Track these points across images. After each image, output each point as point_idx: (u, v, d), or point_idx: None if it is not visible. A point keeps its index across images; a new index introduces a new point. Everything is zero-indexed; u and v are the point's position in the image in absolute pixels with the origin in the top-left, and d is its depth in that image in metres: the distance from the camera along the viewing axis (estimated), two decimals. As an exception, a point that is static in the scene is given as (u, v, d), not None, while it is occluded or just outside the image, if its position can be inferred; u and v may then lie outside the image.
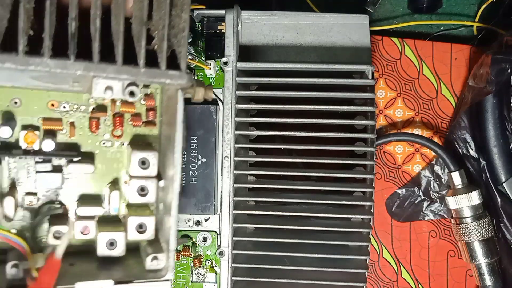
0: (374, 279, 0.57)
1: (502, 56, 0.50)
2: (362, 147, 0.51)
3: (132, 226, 0.40)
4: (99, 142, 0.42)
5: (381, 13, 0.61)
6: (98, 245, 0.39)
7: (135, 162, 0.40)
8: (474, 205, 0.53)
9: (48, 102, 0.40)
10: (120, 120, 0.42)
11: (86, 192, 0.42)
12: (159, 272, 0.38)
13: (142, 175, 0.40)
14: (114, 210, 0.41)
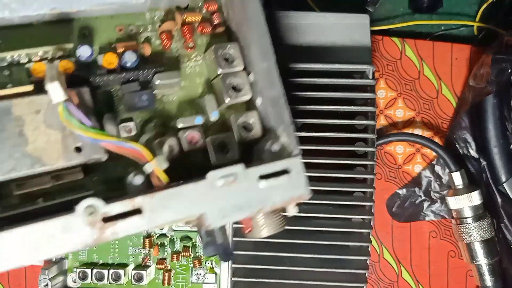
0: (374, 280, 0.57)
1: (503, 56, 0.50)
2: (362, 147, 0.51)
3: (237, 126, 0.38)
4: (175, 59, 0.40)
5: (382, 13, 0.61)
6: (210, 151, 0.37)
7: (220, 59, 0.38)
8: (474, 206, 0.53)
9: (114, 27, 0.38)
10: (188, 29, 0.39)
11: (179, 108, 0.39)
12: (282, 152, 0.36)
13: (230, 71, 0.38)
14: (213, 115, 0.38)
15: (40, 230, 0.28)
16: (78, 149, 0.33)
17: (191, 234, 0.51)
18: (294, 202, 0.35)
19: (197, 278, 0.51)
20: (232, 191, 0.32)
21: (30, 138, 0.32)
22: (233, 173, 0.32)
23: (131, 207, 0.29)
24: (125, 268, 0.50)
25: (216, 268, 0.51)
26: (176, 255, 0.51)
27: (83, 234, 0.28)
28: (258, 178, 0.33)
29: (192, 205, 0.31)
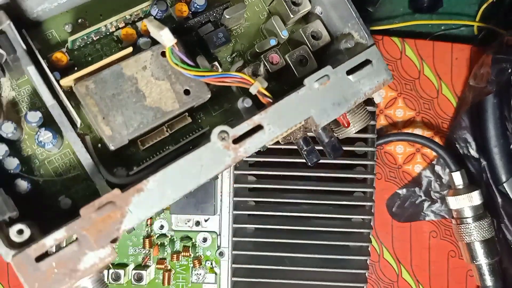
0: (374, 280, 0.57)
1: (503, 56, 0.50)
2: (362, 147, 0.51)
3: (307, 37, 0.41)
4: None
5: (382, 12, 0.61)
6: (292, 67, 0.40)
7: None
8: (474, 205, 0.53)
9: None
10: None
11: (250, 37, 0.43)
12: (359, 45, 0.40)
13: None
14: (284, 34, 0.41)
15: (190, 162, 0.33)
16: (186, 92, 0.37)
17: (191, 234, 0.51)
18: (379, 88, 0.39)
19: (197, 278, 0.51)
20: (328, 90, 0.37)
21: (146, 92, 0.36)
22: (325, 74, 0.37)
23: (252, 125, 0.34)
24: (125, 268, 0.50)
25: (216, 268, 0.51)
26: (176, 255, 0.51)
27: (222, 156, 0.33)
28: (346, 74, 0.37)
29: (300, 110, 0.36)
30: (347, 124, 0.39)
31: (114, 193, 0.31)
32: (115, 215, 0.31)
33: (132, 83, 0.36)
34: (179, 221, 0.51)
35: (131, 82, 0.36)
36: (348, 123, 0.39)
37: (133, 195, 0.32)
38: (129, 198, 0.31)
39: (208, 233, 0.51)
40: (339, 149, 0.39)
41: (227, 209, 0.50)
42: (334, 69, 0.37)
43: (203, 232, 0.51)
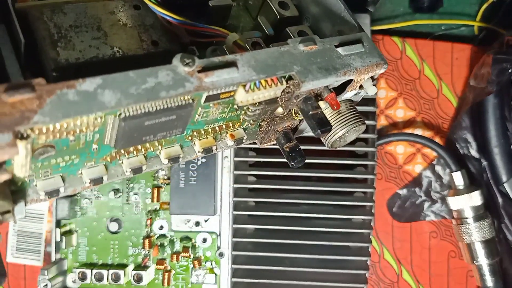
0: (375, 280, 0.57)
1: (503, 56, 0.50)
2: (363, 147, 0.50)
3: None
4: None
5: (382, 12, 0.61)
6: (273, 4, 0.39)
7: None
8: (475, 206, 0.53)
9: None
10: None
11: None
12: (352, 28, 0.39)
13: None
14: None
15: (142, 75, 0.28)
16: (154, 43, 0.34)
17: (191, 235, 0.51)
18: (373, 70, 0.36)
19: (197, 278, 0.51)
20: (315, 55, 0.34)
21: (108, 33, 0.34)
22: (311, 38, 0.34)
23: (224, 61, 0.30)
24: (125, 268, 0.50)
25: (216, 268, 0.51)
26: (176, 255, 0.51)
27: (183, 80, 0.29)
28: (335, 47, 0.34)
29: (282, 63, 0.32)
30: (337, 105, 0.36)
31: (37, 80, 0.26)
32: (30, 102, 0.25)
33: (95, 21, 0.34)
34: (179, 222, 0.51)
35: (94, 20, 0.34)
36: (337, 104, 0.36)
37: (61, 89, 0.26)
38: (54, 90, 0.26)
39: (208, 234, 0.51)
40: (326, 123, 0.34)
41: (227, 210, 0.49)
42: (321, 40, 0.34)
43: (203, 233, 0.51)
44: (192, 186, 0.49)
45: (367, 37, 0.37)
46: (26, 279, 0.56)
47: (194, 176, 0.49)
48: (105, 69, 0.29)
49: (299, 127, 0.39)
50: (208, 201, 0.49)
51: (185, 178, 0.49)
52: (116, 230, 0.51)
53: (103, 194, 0.51)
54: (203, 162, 0.49)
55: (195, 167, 0.49)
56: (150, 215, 0.51)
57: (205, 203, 0.49)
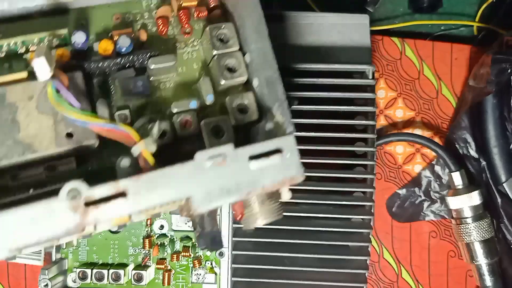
0: (374, 280, 0.57)
1: (503, 56, 0.50)
2: (362, 147, 0.51)
3: (233, 109, 0.37)
4: (172, 45, 0.39)
5: (382, 13, 0.61)
6: (204, 135, 0.36)
7: (214, 39, 0.37)
8: (474, 206, 0.53)
9: (112, 16, 0.38)
10: (185, 14, 0.39)
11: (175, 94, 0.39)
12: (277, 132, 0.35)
13: (225, 51, 0.37)
14: (209, 98, 0.37)
15: (23, 215, 0.27)
16: (69, 135, 0.33)
17: (191, 234, 0.51)
18: (286, 184, 0.33)
19: (197, 278, 0.51)
20: (220, 173, 0.31)
21: (22, 125, 0.32)
22: (222, 154, 0.31)
23: (115, 190, 0.28)
24: (125, 268, 0.50)
25: (216, 268, 0.51)
26: (176, 255, 0.51)
27: (65, 219, 0.27)
28: (248, 159, 0.32)
29: (178, 187, 0.30)
30: (240, 215, 0.35)
31: None
32: None
33: (11, 111, 0.32)
34: (179, 221, 0.51)
35: (10, 110, 0.32)
36: (241, 214, 0.35)
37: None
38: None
39: (208, 233, 0.51)
40: (219, 243, 0.33)
41: (227, 209, 0.50)
42: (235, 150, 0.32)
43: (203, 232, 0.51)
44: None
45: (291, 142, 0.34)
46: (27, 279, 0.56)
47: (194, 176, 0.49)
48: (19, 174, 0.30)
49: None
50: (208, 201, 0.49)
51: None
52: (116, 230, 0.51)
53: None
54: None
55: (195, 167, 0.49)
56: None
57: (205, 203, 0.49)
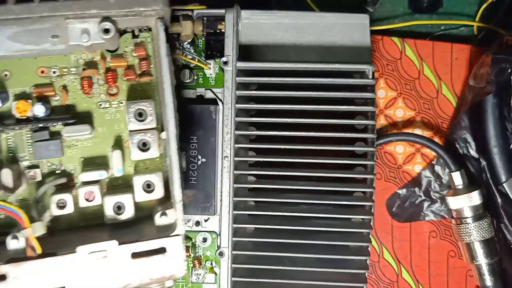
0: (374, 280, 0.57)
1: (503, 56, 0.50)
2: (362, 147, 0.51)
3: (139, 186, 0.38)
4: (95, 104, 0.40)
5: (382, 12, 0.61)
6: (105, 210, 0.37)
7: (132, 115, 0.38)
8: (474, 205, 0.53)
9: (37, 69, 0.39)
10: (112, 76, 0.40)
11: (89, 157, 0.40)
12: (169, 227, 0.36)
13: (141, 128, 0.38)
14: (118, 171, 0.39)
15: None
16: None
17: (191, 234, 0.51)
18: (166, 280, 0.35)
19: (197, 278, 0.51)
20: (99, 266, 0.32)
21: None
22: (104, 249, 0.32)
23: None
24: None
25: (216, 268, 0.51)
26: (176, 255, 0.51)
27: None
28: (131, 256, 0.33)
29: (56, 278, 0.31)
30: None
31: None
32: None
33: None
34: (179, 221, 0.51)
35: None
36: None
37: None
38: None
39: (208, 233, 0.51)
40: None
41: (227, 209, 0.50)
42: (119, 246, 0.33)
43: (203, 232, 0.51)
44: (192, 186, 0.49)
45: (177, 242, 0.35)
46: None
47: (194, 176, 0.49)
48: None
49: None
50: (208, 201, 0.49)
51: (185, 178, 0.49)
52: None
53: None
54: (203, 162, 0.49)
55: (195, 167, 0.49)
56: (150, 215, 0.51)
57: (205, 203, 0.49)
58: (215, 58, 0.50)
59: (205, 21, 0.50)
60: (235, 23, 0.49)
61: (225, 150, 0.49)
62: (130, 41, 0.41)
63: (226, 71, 0.49)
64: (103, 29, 0.35)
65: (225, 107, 0.49)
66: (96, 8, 0.33)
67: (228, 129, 0.49)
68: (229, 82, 0.49)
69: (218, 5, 0.49)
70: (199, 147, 0.49)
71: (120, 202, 0.37)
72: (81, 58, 0.40)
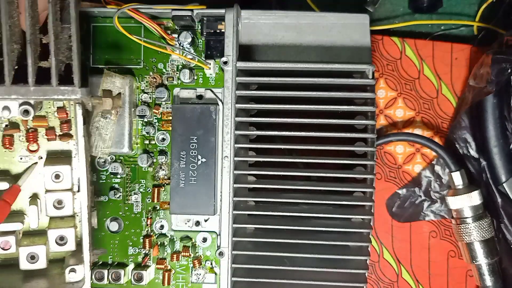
0: (374, 280, 0.57)
1: (503, 56, 0.50)
2: (362, 147, 0.51)
3: (53, 239, 0.41)
4: (16, 158, 0.43)
5: (382, 12, 0.61)
6: (20, 259, 0.40)
7: (49, 176, 0.41)
8: (474, 205, 0.53)
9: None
10: (34, 135, 0.43)
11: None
12: (77, 284, 0.40)
13: (57, 189, 0.41)
14: (34, 224, 0.42)
15: None
16: None
17: (191, 234, 0.51)
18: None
19: (197, 278, 0.51)
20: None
21: None
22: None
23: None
24: (125, 268, 0.50)
25: (216, 268, 0.51)
26: (176, 255, 0.51)
27: None
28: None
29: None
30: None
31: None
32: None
33: None
34: (179, 221, 0.51)
35: None
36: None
37: None
38: None
39: (208, 233, 0.51)
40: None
41: (227, 209, 0.50)
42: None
43: (203, 232, 0.51)
44: (192, 186, 0.49)
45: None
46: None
47: (194, 176, 0.49)
48: None
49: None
50: (208, 201, 0.49)
51: (185, 178, 0.49)
52: (116, 230, 0.51)
53: (103, 194, 0.51)
54: (203, 162, 0.49)
55: (195, 167, 0.49)
56: (150, 215, 0.51)
57: (205, 203, 0.49)
58: (215, 58, 0.50)
59: (205, 21, 0.50)
60: (235, 23, 0.49)
61: (225, 150, 0.49)
62: (53, 103, 0.44)
63: (226, 71, 0.49)
64: (23, 111, 0.38)
65: (225, 107, 0.49)
66: (17, 94, 0.36)
67: (228, 129, 0.49)
68: (229, 82, 0.49)
69: (218, 5, 0.49)
70: (199, 147, 0.49)
71: (34, 253, 0.41)
72: (3, 116, 0.42)
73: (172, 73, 0.50)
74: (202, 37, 0.50)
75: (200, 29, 0.50)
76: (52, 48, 0.37)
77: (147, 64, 0.50)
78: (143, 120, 0.50)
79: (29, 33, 0.37)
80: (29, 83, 0.36)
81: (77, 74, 0.37)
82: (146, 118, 0.50)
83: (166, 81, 0.50)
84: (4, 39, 0.36)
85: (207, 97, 0.50)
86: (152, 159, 0.50)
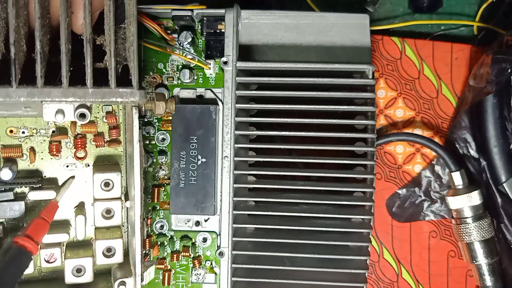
0: (374, 280, 0.57)
1: (503, 56, 0.50)
2: (362, 147, 0.51)
3: (100, 250, 0.40)
4: (63, 166, 0.42)
5: (382, 12, 0.61)
6: (65, 272, 0.39)
7: (98, 184, 0.40)
8: (474, 205, 0.53)
9: (6, 129, 0.40)
10: (81, 141, 0.41)
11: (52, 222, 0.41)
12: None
13: (106, 197, 0.40)
14: (79, 235, 0.41)
15: None
16: None
17: (191, 234, 0.51)
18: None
19: (197, 278, 0.51)
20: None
21: None
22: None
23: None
24: (125, 268, 0.50)
25: (216, 268, 0.51)
26: (176, 255, 0.51)
27: None
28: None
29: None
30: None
31: None
32: None
33: None
34: (179, 221, 0.51)
35: None
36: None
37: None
38: None
39: (208, 233, 0.51)
40: None
41: (227, 209, 0.50)
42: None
43: (203, 232, 0.51)
44: (192, 186, 0.49)
45: None
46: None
47: (194, 176, 0.49)
48: None
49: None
50: (208, 201, 0.49)
51: (185, 178, 0.49)
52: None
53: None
54: (203, 162, 0.49)
55: (195, 167, 0.49)
56: (150, 215, 0.51)
57: (205, 203, 0.49)
58: (215, 58, 0.50)
59: (205, 21, 0.50)
60: (235, 23, 0.49)
61: (225, 150, 0.49)
62: (101, 108, 0.42)
63: (226, 71, 0.49)
64: (79, 114, 0.36)
65: (225, 107, 0.49)
66: (74, 97, 0.33)
67: (228, 129, 0.49)
68: (229, 82, 0.49)
69: (218, 5, 0.49)
70: (199, 147, 0.49)
71: (80, 265, 0.39)
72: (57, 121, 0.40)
73: (172, 73, 0.50)
74: (202, 37, 0.50)
75: (200, 29, 0.50)
76: (112, 48, 0.34)
77: (147, 64, 0.50)
78: (143, 120, 0.50)
79: (88, 32, 0.34)
80: (87, 85, 0.33)
81: (136, 75, 0.34)
82: (146, 118, 0.50)
83: (166, 81, 0.50)
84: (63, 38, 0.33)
85: (207, 97, 0.50)
86: (152, 159, 0.50)
